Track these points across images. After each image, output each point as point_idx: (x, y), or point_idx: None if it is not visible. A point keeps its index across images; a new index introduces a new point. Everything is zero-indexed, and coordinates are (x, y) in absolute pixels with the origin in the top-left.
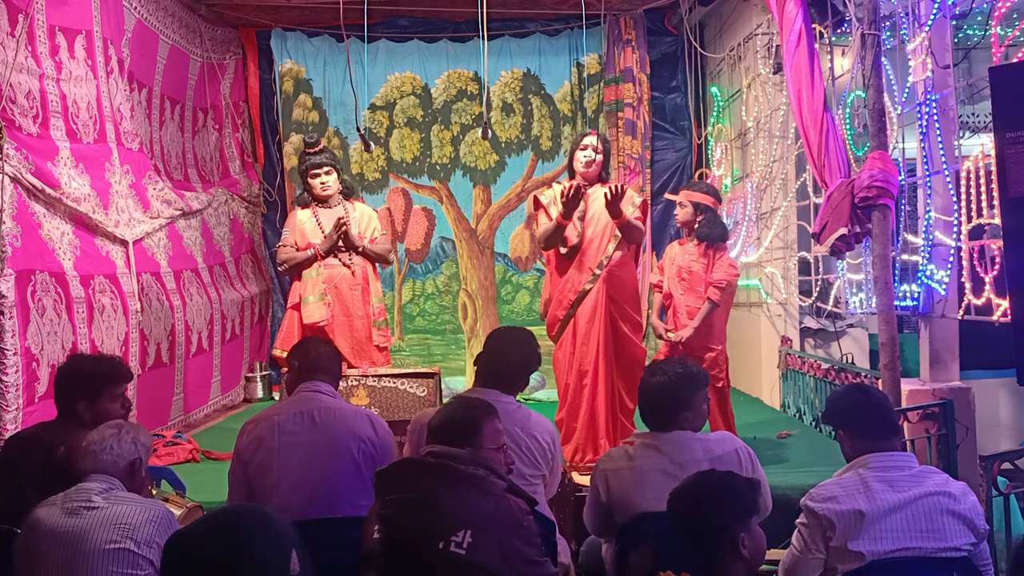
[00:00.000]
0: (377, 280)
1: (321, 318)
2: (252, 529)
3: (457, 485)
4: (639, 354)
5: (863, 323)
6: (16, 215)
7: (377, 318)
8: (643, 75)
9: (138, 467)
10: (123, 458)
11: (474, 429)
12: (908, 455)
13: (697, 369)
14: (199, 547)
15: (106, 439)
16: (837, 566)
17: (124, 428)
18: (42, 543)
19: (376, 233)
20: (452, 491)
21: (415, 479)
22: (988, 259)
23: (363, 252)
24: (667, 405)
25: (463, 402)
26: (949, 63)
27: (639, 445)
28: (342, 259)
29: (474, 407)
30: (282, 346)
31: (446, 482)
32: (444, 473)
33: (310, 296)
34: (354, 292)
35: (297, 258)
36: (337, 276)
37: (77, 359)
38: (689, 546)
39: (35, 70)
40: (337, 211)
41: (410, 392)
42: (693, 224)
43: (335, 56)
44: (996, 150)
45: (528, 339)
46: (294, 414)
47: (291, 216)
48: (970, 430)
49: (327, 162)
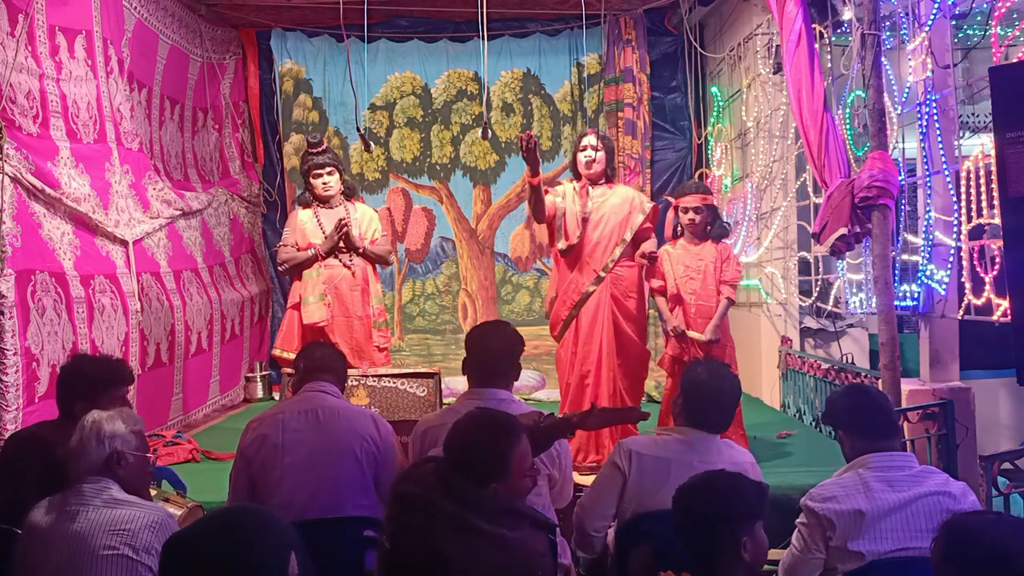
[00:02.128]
0: (377, 281)
1: (321, 318)
2: (252, 531)
3: (475, 542)
4: (642, 355)
5: (863, 323)
6: (16, 215)
7: (377, 319)
8: (643, 75)
9: (115, 460)
10: (100, 458)
11: (501, 464)
12: (908, 455)
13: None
14: (198, 549)
15: (82, 441)
16: (837, 566)
17: (91, 426)
18: (40, 547)
19: (377, 234)
20: (467, 547)
21: (427, 524)
22: (988, 259)
23: (363, 253)
24: (729, 408)
25: (485, 421)
26: (949, 63)
27: (672, 439)
28: (342, 260)
29: (499, 432)
30: (282, 346)
31: (462, 538)
32: (461, 528)
33: (310, 296)
34: (354, 293)
35: (297, 258)
36: (337, 277)
37: (79, 359)
38: (690, 544)
39: (35, 70)
40: (338, 212)
41: (410, 392)
42: (705, 226)
43: (335, 56)
44: (996, 150)
45: (502, 326)
46: (298, 412)
47: (292, 216)
48: (970, 430)
49: (330, 162)
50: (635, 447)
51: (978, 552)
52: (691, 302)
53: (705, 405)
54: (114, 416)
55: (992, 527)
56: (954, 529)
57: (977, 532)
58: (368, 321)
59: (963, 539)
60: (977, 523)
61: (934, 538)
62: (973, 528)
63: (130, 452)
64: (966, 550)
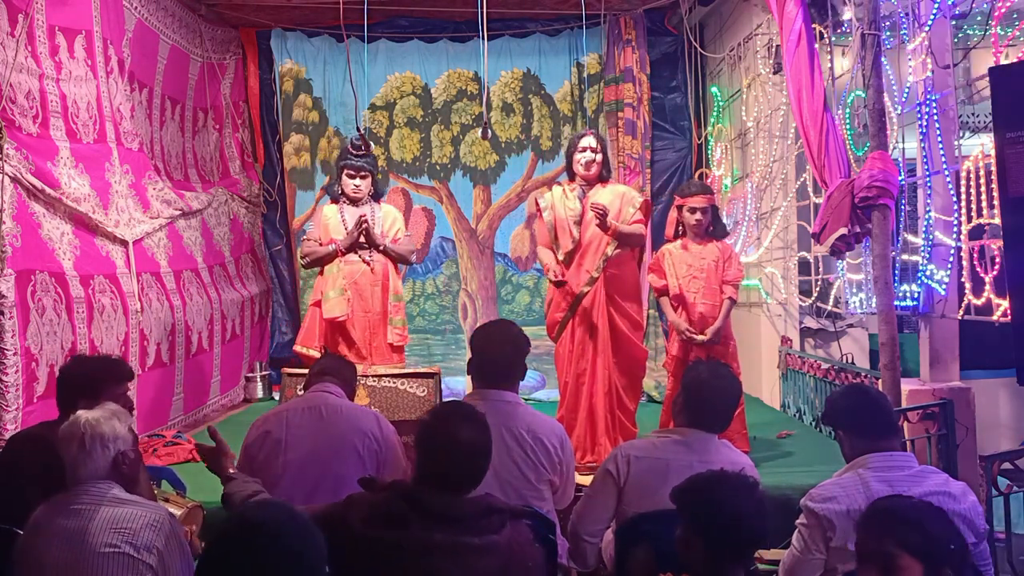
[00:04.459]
0: (399, 279)
1: (341, 313)
2: (299, 540)
3: (468, 558)
4: (639, 354)
5: (863, 323)
6: (16, 215)
7: (394, 316)
8: (643, 75)
9: (121, 461)
10: (106, 463)
11: (480, 472)
12: (908, 455)
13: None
14: (240, 550)
15: (85, 449)
16: (837, 566)
17: (90, 431)
18: (42, 546)
19: (400, 234)
20: (462, 565)
21: (424, 554)
22: (988, 259)
23: (384, 251)
24: (729, 408)
25: (457, 436)
26: (949, 63)
27: (668, 440)
28: (362, 256)
29: (475, 449)
30: (303, 342)
31: (456, 559)
32: (457, 551)
33: (331, 292)
34: (374, 289)
35: (319, 252)
36: (357, 272)
37: (79, 360)
38: (702, 535)
39: (35, 70)
40: (362, 210)
41: (410, 392)
42: (708, 226)
43: (335, 56)
44: (996, 150)
45: (508, 326)
46: (302, 410)
47: (319, 211)
48: (970, 430)
49: (366, 167)
50: (632, 452)
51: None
52: (694, 302)
53: (705, 404)
54: (108, 417)
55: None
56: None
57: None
58: (385, 318)
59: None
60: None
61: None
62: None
63: (130, 449)
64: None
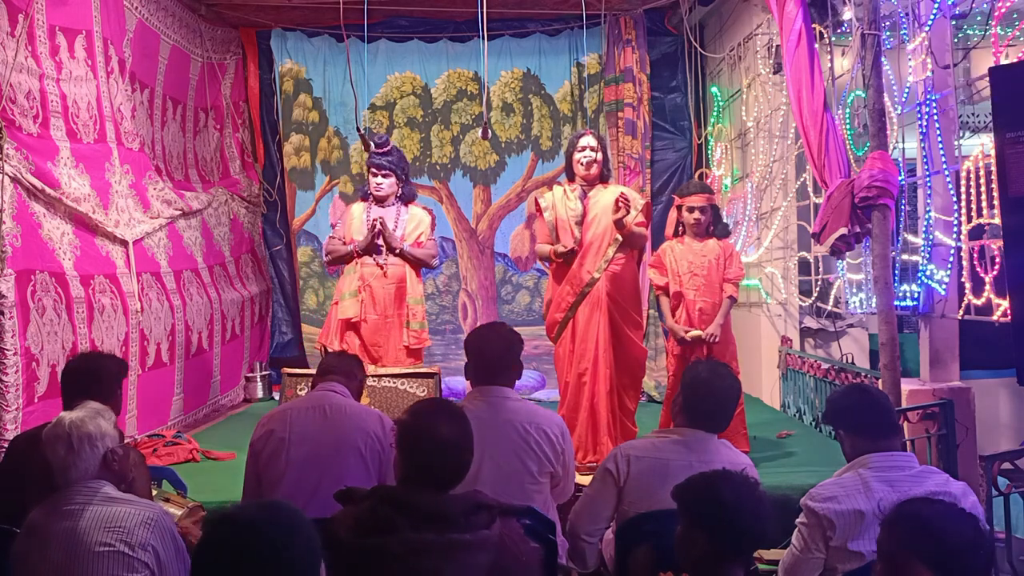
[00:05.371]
0: (419, 282)
1: (353, 314)
2: (289, 533)
3: (463, 553)
4: (639, 354)
5: (863, 323)
6: (16, 215)
7: (411, 319)
8: (643, 75)
9: (111, 459)
10: (95, 463)
11: (462, 469)
12: (908, 455)
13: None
14: (236, 548)
15: (74, 451)
16: (837, 566)
17: (77, 433)
18: (38, 545)
19: (423, 237)
20: (455, 562)
21: (416, 555)
22: (988, 259)
23: (401, 254)
24: (728, 408)
25: (438, 432)
26: (949, 63)
27: (668, 440)
28: (376, 259)
29: (457, 444)
30: (321, 340)
31: (449, 557)
32: (449, 549)
33: (346, 292)
34: (388, 291)
35: (339, 251)
36: (370, 275)
37: (85, 357)
38: (702, 533)
39: (35, 70)
40: (387, 212)
41: (410, 392)
42: (708, 225)
43: (335, 56)
44: (996, 150)
45: (498, 326)
46: (306, 408)
47: (347, 209)
48: (970, 430)
49: (386, 165)
50: (632, 452)
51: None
52: (694, 299)
53: (705, 404)
54: (92, 416)
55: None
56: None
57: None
58: (400, 321)
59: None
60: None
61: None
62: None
63: (118, 446)
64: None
